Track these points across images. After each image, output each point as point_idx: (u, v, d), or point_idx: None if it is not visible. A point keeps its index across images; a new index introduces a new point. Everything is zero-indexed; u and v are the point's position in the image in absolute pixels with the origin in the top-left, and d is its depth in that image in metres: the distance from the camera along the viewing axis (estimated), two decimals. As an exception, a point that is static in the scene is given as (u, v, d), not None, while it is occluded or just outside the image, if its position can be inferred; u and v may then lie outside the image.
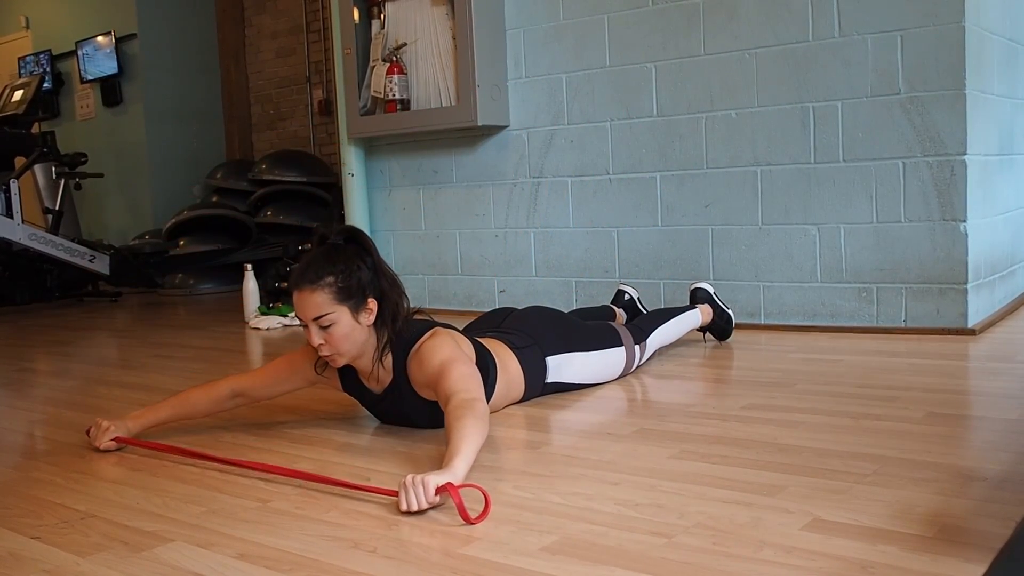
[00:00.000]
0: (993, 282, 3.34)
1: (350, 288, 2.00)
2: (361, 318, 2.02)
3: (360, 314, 2.02)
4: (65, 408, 2.76)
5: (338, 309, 1.99)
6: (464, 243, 4.28)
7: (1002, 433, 1.95)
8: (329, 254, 2.02)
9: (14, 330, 4.82)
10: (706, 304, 3.11)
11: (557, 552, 1.38)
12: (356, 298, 2.00)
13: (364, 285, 2.02)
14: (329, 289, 1.98)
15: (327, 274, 1.98)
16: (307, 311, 2.00)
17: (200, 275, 6.32)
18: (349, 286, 1.99)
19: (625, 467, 1.80)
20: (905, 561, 1.28)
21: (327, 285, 1.98)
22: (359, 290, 2.01)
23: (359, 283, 2.01)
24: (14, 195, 5.38)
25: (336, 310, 1.99)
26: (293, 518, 1.60)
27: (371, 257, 2.05)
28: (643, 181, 3.70)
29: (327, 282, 1.98)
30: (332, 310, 1.98)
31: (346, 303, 1.99)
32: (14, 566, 1.45)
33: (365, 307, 2.02)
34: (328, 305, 1.98)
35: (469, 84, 3.94)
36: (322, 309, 1.98)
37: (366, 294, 2.02)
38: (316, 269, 1.99)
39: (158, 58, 7.07)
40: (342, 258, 2.01)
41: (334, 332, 2.00)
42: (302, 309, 2.01)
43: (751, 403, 2.28)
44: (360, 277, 2.01)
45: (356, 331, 2.02)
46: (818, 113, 3.28)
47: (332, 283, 1.98)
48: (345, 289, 1.99)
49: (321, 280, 1.98)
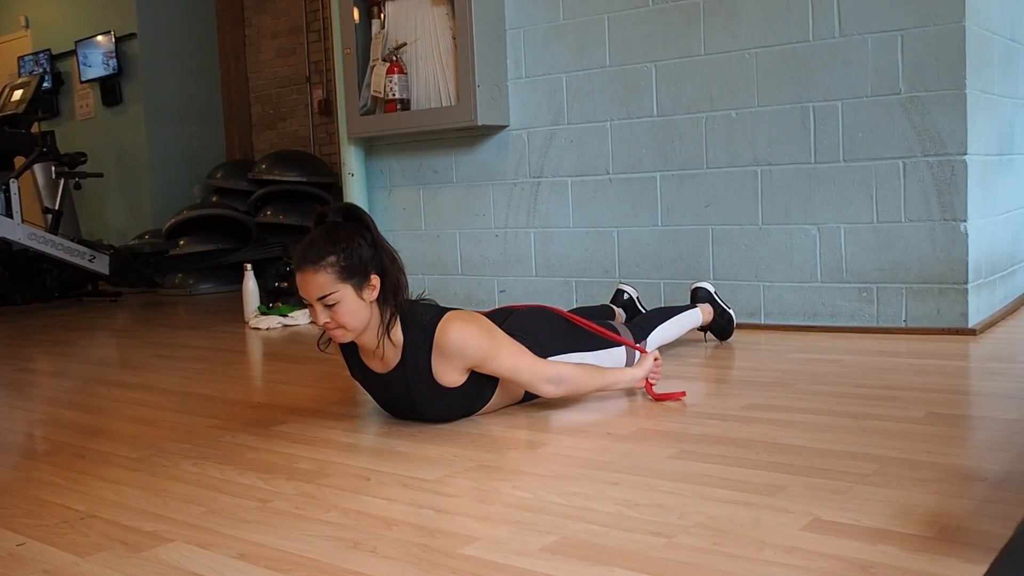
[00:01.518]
0: (993, 282, 3.34)
1: (352, 265, 2.01)
2: (365, 294, 2.04)
3: (364, 290, 2.03)
4: (65, 408, 2.76)
5: (342, 287, 2.00)
6: (464, 243, 4.28)
7: (1002, 433, 1.95)
8: (329, 232, 2.03)
9: (14, 330, 4.82)
10: (707, 304, 3.11)
11: (557, 552, 1.38)
12: (359, 275, 2.02)
13: (366, 261, 2.03)
14: (332, 268, 1.99)
15: (329, 253, 1.99)
16: (311, 291, 2.01)
17: (200, 275, 6.32)
18: (351, 263, 2.01)
19: (625, 467, 1.80)
20: (905, 561, 1.28)
21: (329, 264, 1.99)
22: (361, 267, 2.02)
23: (361, 260, 2.02)
24: (14, 195, 5.38)
25: (340, 288, 2.00)
26: (293, 518, 1.60)
27: (371, 233, 2.07)
28: (643, 181, 3.70)
29: (329, 261, 1.99)
30: (336, 288, 2.00)
31: (349, 281, 2.01)
32: (14, 566, 1.45)
33: (368, 283, 2.04)
34: (332, 284, 2.00)
35: (469, 84, 3.94)
36: (326, 288, 2.00)
37: (368, 270, 2.03)
38: (318, 249, 2.00)
39: (158, 58, 7.07)
40: (343, 236, 2.02)
41: (339, 310, 2.02)
42: (306, 289, 2.02)
43: (751, 403, 2.28)
44: (361, 254, 2.02)
45: (361, 308, 2.04)
46: (818, 113, 3.28)
47: (334, 262, 1.99)
48: (348, 267, 2.00)
49: (323, 260, 1.99)
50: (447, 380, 2.11)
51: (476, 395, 2.20)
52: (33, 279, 5.70)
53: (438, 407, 2.17)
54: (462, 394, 2.16)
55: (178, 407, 2.65)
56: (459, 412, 2.22)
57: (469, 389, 2.16)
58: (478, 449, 2.00)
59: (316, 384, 2.86)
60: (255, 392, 2.91)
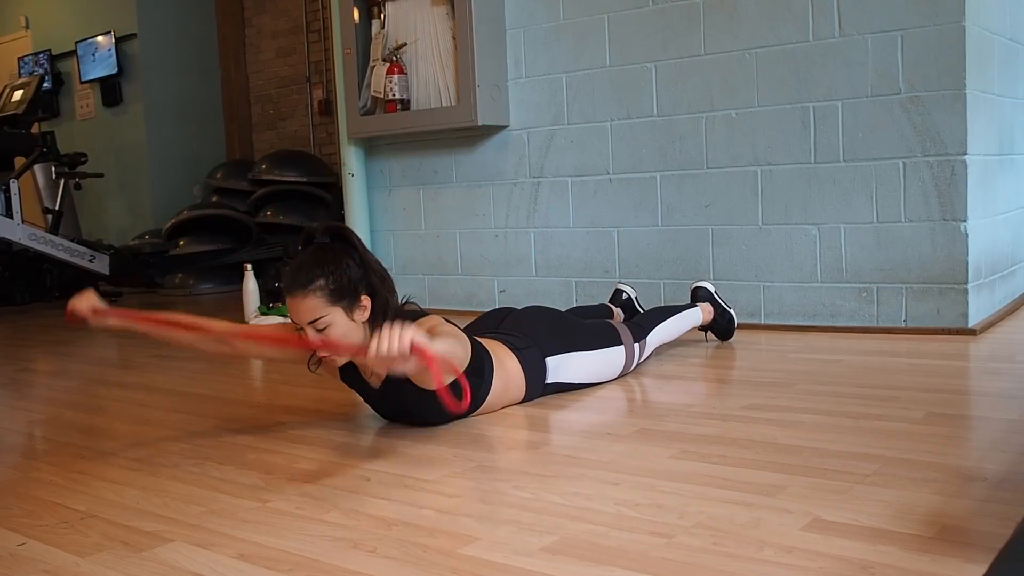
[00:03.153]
0: (993, 282, 3.34)
1: (342, 288, 1.99)
2: (356, 315, 2.02)
3: (354, 312, 2.01)
4: (65, 408, 2.76)
5: (332, 311, 1.98)
6: (464, 243, 4.28)
7: (1002, 433, 1.95)
8: (317, 255, 2.01)
9: (14, 330, 4.82)
10: (707, 303, 3.11)
11: (557, 552, 1.38)
12: (349, 297, 2.00)
13: (355, 283, 2.01)
14: (321, 292, 1.97)
15: (317, 277, 1.97)
16: (301, 316, 1.99)
17: (200, 275, 6.31)
18: (341, 286, 1.99)
19: (625, 467, 1.80)
20: (905, 561, 1.28)
21: (319, 288, 1.97)
22: (351, 289, 2.00)
23: (350, 282, 2.00)
24: (14, 195, 5.38)
25: (330, 312, 1.98)
26: (293, 518, 1.60)
27: (358, 253, 2.05)
28: (643, 181, 3.70)
29: (318, 285, 1.97)
30: (326, 312, 1.98)
31: (339, 303, 1.99)
32: (14, 566, 1.45)
33: (359, 304, 2.02)
34: (322, 308, 1.97)
35: (469, 84, 3.94)
36: (316, 313, 1.97)
37: (358, 291, 2.01)
38: (306, 272, 1.98)
39: (158, 58, 7.06)
40: (330, 258, 2.00)
41: (331, 333, 1.99)
42: (296, 314, 2.00)
43: (751, 403, 2.28)
44: (350, 275, 2.00)
45: (352, 330, 2.02)
46: (818, 113, 3.28)
47: (323, 285, 1.97)
48: (337, 290, 1.98)
49: (312, 283, 1.97)
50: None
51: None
52: (33, 279, 5.69)
53: (430, 411, 2.15)
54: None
55: (178, 407, 2.65)
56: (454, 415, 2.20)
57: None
58: (478, 449, 2.00)
59: (316, 384, 2.86)
60: (255, 392, 2.91)
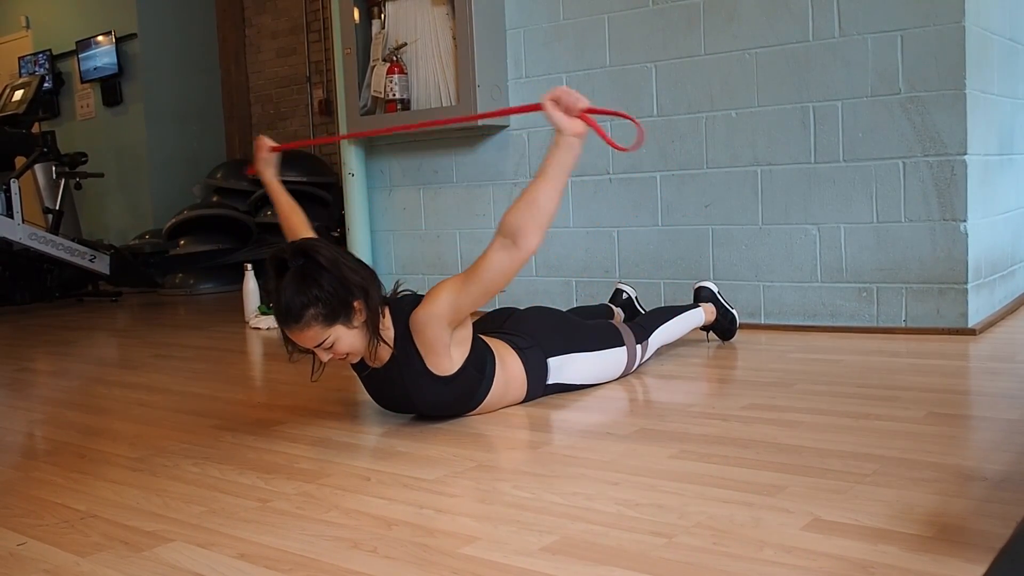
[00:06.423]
0: (993, 282, 3.34)
1: (334, 308, 2.01)
2: (355, 322, 2.05)
3: (353, 320, 2.05)
4: (65, 408, 2.76)
5: (332, 330, 2.02)
6: (464, 243, 4.28)
7: (1002, 433, 1.95)
8: (298, 284, 1.98)
9: (14, 330, 4.82)
10: (709, 303, 3.10)
11: (557, 552, 1.38)
12: (343, 311, 2.02)
13: (343, 295, 2.01)
14: (315, 319, 1.99)
15: (306, 307, 1.98)
16: (306, 343, 2.04)
17: (200, 275, 6.32)
18: (332, 306, 2.00)
19: (625, 467, 1.80)
20: (905, 561, 1.28)
21: (311, 317, 1.99)
22: (341, 303, 2.01)
23: (339, 297, 2.01)
24: (14, 195, 5.38)
25: (331, 332, 2.02)
26: (293, 518, 1.61)
27: (334, 265, 2.01)
28: (643, 181, 3.70)
29: (310, 314, 1.99)
30: (328, 334, 2.02)
31: (337, 321, 2.02)
32: (15, 566, 1.45)
33: (354, 312, 2.04)
34: (322, 332, 2.02)
35: (469, 84, 3.94)
36: (319, 338, 2.02)
37: (349, 301, 2.03)
38: (294, 305, 1.98)
39: (158, 58, 7.07)
40: (311, 282, 1.98)
41: (339, 348, 2.05)
42: (301, 342, 2.05)
43: (751, 403, 2.28)
44: (336, 291, 2.00)
45: (356, 336, 2.07)
46: (818, 113, 3.28)
47: (316, 313, 1.99)
48: (330, 312, 2.00)
49: (304, 315, 1.98)
50: (441, 366, 2.10)
51: (469, 389, 2.19)
52: (34, 279, 5.70)
53: (430, 397, 2.16)
54: (455, 386, 2.15)
55: (178, 407, 2.65)
56: (452, 405, 2.21)
57: (462, 381, 2.15)
58: (478, 449, 2.00)
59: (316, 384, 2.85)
60: (255, 392, 2.91)
